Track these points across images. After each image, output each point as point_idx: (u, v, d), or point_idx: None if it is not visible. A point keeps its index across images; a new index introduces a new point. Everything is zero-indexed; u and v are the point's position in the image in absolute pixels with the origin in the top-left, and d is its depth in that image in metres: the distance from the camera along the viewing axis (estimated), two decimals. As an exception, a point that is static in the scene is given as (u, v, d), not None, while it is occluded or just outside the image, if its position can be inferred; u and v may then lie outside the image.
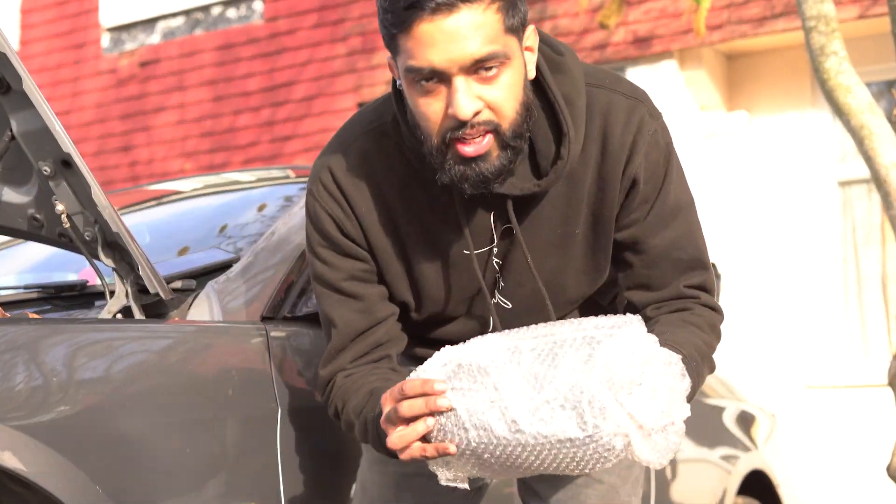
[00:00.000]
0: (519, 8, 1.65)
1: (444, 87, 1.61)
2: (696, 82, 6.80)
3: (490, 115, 1.62)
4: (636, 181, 1.76)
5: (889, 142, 3.70)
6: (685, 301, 1.81)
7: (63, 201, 2.16)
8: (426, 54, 1.58)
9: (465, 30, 1.57)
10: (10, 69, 1.99)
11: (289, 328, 2.20)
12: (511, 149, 1.65)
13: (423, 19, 1.56)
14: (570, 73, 1.73)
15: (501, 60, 1.61)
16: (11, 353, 1.72)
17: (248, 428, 1.99)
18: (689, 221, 1.81)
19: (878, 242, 6.64)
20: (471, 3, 1.57)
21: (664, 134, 1.78)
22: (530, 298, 1.84)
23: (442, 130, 1.63)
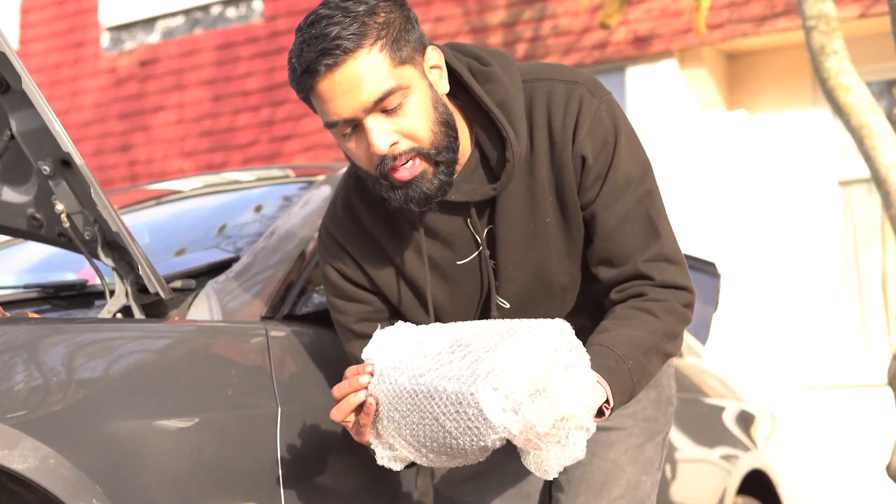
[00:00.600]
0: (407, 39, 1.76)
1: (361, 131, 1.76)
2: (696, 82, 6.80)
3: (408, 143, 1.76)
4: (585, 159, 1.83)
5: (889, 141, 3.70)
6: (642, 284, 1.85)
7: (62, 201, 2.16)
8: (333, 109, 1.73)
9: (357, 78, 1.71)
10: (9, 69, 1.99)
11: (289, 328, 2.20)
12: (442, 164, 1.78)
13: (319, 80, 1.72)
14: (498, 80, 1.84)
15: (400, 93, 1.73)
16: (11, 353, 1.72)
17: (248, 428, 1.98)
18: (641, 193, 1.86)
19: (879, 242, 6.64)
20: (354, 53, 1.70)
21: (610, 110, 1.85)
22: (525, 292, 1.93)
23: (373, 166, 1.78)
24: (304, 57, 1.71)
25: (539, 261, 1.90)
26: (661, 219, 1.88)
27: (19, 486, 1.68)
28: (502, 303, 1.93)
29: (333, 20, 1.70)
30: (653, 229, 1.86)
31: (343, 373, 1.81)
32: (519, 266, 1.90)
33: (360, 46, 1.70)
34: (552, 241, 1.89)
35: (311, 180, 2.77)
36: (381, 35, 1.72)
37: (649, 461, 2.01)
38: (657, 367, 1.84)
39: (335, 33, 1.69)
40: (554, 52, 7.03)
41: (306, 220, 2.47)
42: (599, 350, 1.75)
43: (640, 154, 1.88)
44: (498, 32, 7.23)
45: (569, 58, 6.98)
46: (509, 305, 1.93)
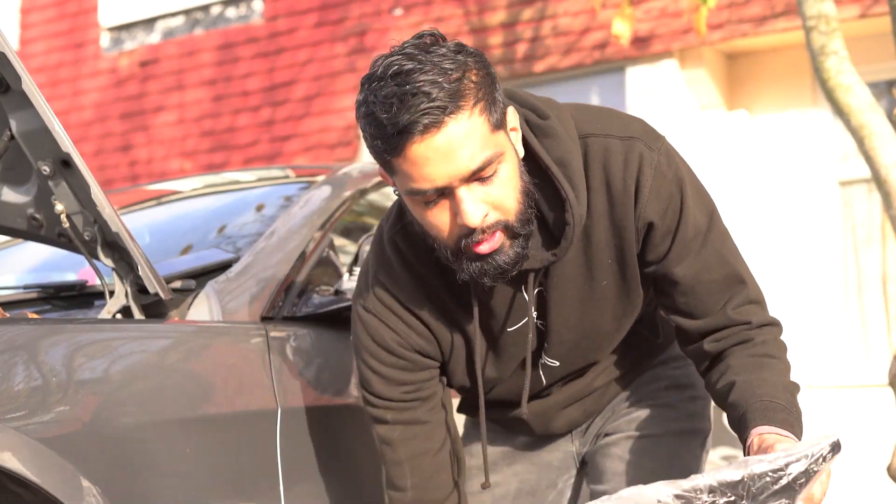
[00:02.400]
0: (498, 99, 1.63)
1: (446, 199, 1.62)
2: (696, 82, 6.79)
3: (497, 215, 1.64)
4: (651, 222, 1.74)
5: (890, 141, 3.70)
6: (741, 330, 1.79)
7: (62, 201, 2.16)
8: (425, 175, 1.58)
9: (456, 143, 1.56)
10: (9, 69, 1.99)
11: (288, 328, 2.20)
12: (521, 237, 1.67)
13: (414, 141, 1.56)
14: (557, 135, 1.72)
15: (497, 160, 1.61)
16: (11, 353, 1.72)
17: (248, 428, 1.98)
18: (713, 241, 1.78)
19: (879, 242, 6.64)
20: (455, 115, 1.56)
21: (670, 161, 1.75)
22: (574, 349, 1.88)
23: (454, 238, 1.65)
24: (397, 114, 1.54)
25: (591, 322, 1.84)
26: (738, 260, 1.80)
27: (19, 487, 1.68)
28: (551, 362, 1.89)
29: (426, 73, 1.55)
30: (734, 275, 1.78)
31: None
32: (570, 329, 1.84)
33: (461, 108, 1.56)
34: (607, 304, 1.83)
35: (311, 180, 2.77)
36: (480, 96, 1.58)
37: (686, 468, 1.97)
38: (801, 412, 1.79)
39: (434, 92, 1.54)
40: (554, 52, 7.03)
41: (306, 220, 2.47)
42: (764, 405, 1.70)
43: (705, 199, 1.79)
44: (498, 32, 7.23)
45: (569, 58, 6.98)
46: (558, 364, 1.89)
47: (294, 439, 2.04)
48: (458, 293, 1.81)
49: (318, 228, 2.45)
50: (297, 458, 2.04)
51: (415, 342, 1.83)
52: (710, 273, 1.77)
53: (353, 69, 7.73)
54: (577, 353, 1.89)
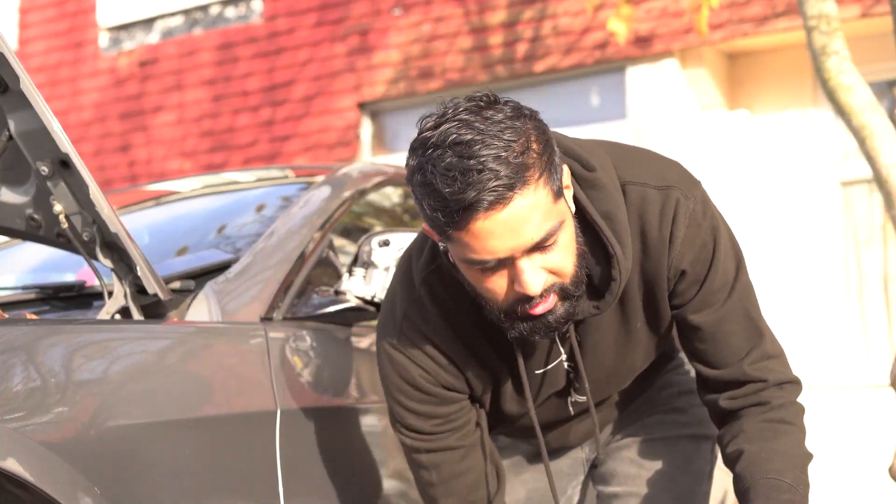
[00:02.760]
0: (557, 164, 1.59)
1: (506, 268, 1.59)
2: (697, 82, 6.79)
3: (554, 279, 1.62)
4: (684, 270, 1.74)
5: (891, 142, 3.69)
6: (757, 390, 1.78)
7: (61, 201, 2.15)
8: (487, 248, 1.55)
9: (522, 217, 1.54)
10: (8, 69, 1.99)
11: (288, 329, 2.19)
12: (574, 297, 1.66)
13: (478, 218, 1.52)
14: (604, 187, 1.69)
15: (558, 230, 1.59)
16: (10, 354, 1.71)
17: (247, 428, 1.98)
18: (739, 292, 1.77)
19: (880, 242, 6.64)
20: (522, 190, 1.52)
21: (706, 209, 1.73)
22: (602, 388, 1.89)
23: (509, 302, 1.62)
24: (462, 190, 1.50)
25: (623, 361, 1.86)
26: (758, 313, 1.80)
27: (18, 489, 1.67)
28: (579, 399, 1.90)
29: (489, 147, 1.51)
30: (754, 328, 1.78)
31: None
32: (602, 368, 1.85)
33: (527, 183, 1.52)
34: (639, 343, 1.84)
35: (311, 181, 2.77)
36: (543, 167, 1.55)
37: (699, 471, 1.99)
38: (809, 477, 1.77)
39: (501, 170, 1.50)
40: (554, 52, 7.03)
41: (306, 221, 2.46)
42: (769, 483, 1.69)
43: (735, 249, 1.79)
44: (498, 32, 7.22)
45: (569, 58, 6.98)
46: (585, 399, 1.89)
47: (294, 439, 2.04)
48: (493, 336, 1.78)
49: (318, 229, 2.45)
50: (297, 459, 2.04)
51: (443, 380, 1.81)
52: (731, 324, 1.76)
53: (353, 69, 7.72)
54: (607, 387, 1.91)
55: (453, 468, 1.88)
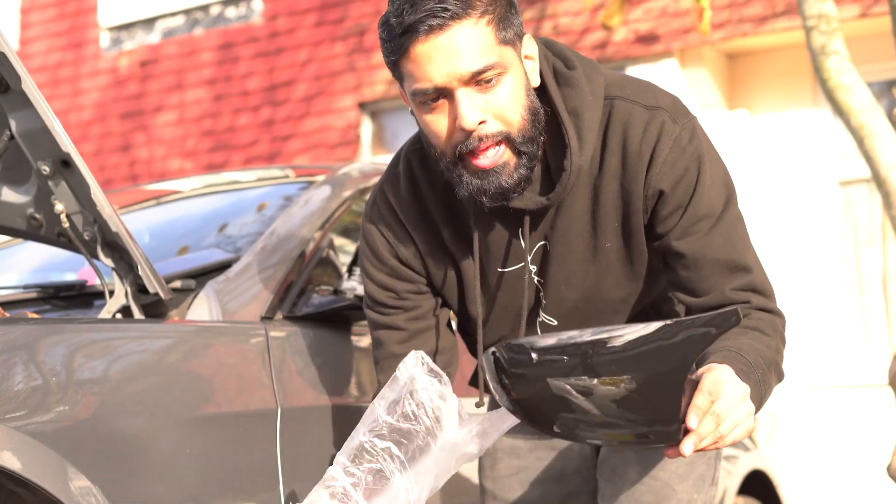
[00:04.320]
0: (511, 21, 1.69)
1: (448, 103, 1.67)
2: (697, 81, 6.79)
3: (498, 125, 1.67)
4: (662, 191, 1.75)
5: (890, 141, 3.69)
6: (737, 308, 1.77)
7: (62, 201, 2.16)
8: (426, 73, 1.65)
9: (459, 45, 1.63)
10: (9, 69, 1.99)
11: (288, 328, 2.19)
12: (525, 155, 1.70)
13: (419, 41, 1.63)
14: (578, 86, 1.75)
15: (499, 70, 1.66)
16: (11, 353, 1.72)
17: (248, 427, 1.98)
18: (725, 224, 1.78)
19: (879, 242, 6.64)
20: (461, 20, 1.63)
21: (693, 137, 1.76)
22: (574, 312, 1.88)
23: (452, 144, 1.68)
24: (405, 16, 1.63)
25: (593, 284, 1.85)
26: (747, 248, 1.80)
27: (19, 487, 1.68)
28: (549, 320, 1.90)
29: None
30: (740, 260, 1.78)
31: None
32: (571, 287, 1.85)
33: (468, 14, 1.63)
34: (610, 267, 1.83)
35: (311, 180, 2.77)
36: (489, 10, 1.65)
37: (700, 478, 1.96)
38: (772, 387, 1.76)
39: (445, 1, 1.62)
40: (554, 52, 7.03)
41: (306, 220, 2.47)
42: (727, 354, 1.68)
43: (725, 182, 1.80)
44: (498, 32, 7.22)
45: (569, 58, 6.99)
46: (556, 323, 1.89)
47: (294, 439, 2.04)
48: (457, 222, 1.85)
49: (318, 228, 2.45)
50: (297, 458, 2.04)
51: (401, 253, 1.89)
52: (715, 252, 1.77)
53: (353, 69, 7.72)
54: (578, 315, 1.88)
55: (393, 349, 1.92)
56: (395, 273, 1.90)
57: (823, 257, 6.71)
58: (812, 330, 6.66)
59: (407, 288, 1.90)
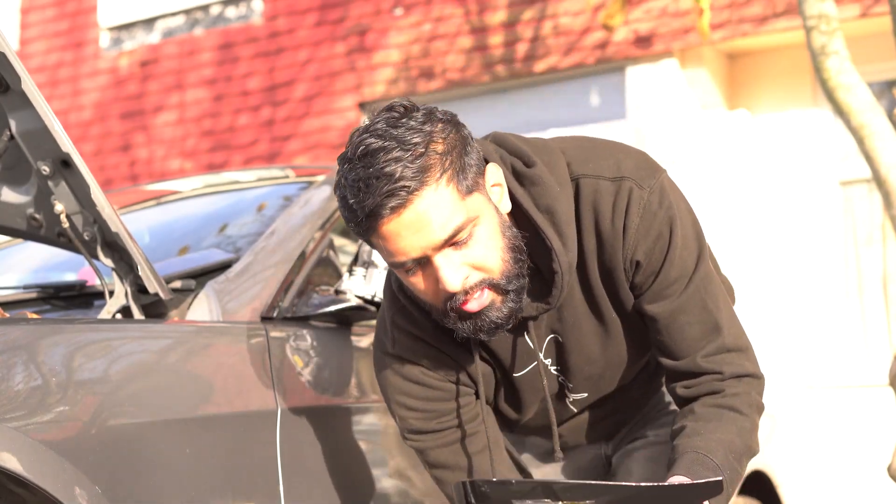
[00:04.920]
0: (469, 164, 1.64)
1: (428, 267, 1.65)
2: (697, 81, 6.79)
3: (480, 275, 1.65)
4: (639, 262, 1.75)
5: (890, 141, 3.70)
6: (711, 380, 1.78)
7: (62, 201, 2.16)
8: (399, 249, 1.62)
9: (424, 216, 1.59)
10: (9, 69, 1.99)
11: (288, 328, 2.19)
12: (512, 292, 1.68)
13: (383, 222, 1.59)
14: (543, 182, 1.72)
15: (470, 227, 1.63)
16: (11, 353, 1.72)
17: (248, 427, 1.98)
18: (696, 284, 1.77)
19: (880, 242, 6.64)
20: (420, 191, 1.58)
21: (662, 199, 1.74)
22: (599, 383, 1.90)
23: (441, 301, 1.67)
24: (363, 199, 1.58)
25: (614, 353, 1.86)
26: (718, 307, 1.79)
27: (19, 487, 1.68)
28: (578, 396, 1.92)
29: (390, 154, 1.57)
30: (711, 321, 1.77)
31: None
32: (593, 364, 1.86)
33: (425, 183, 1.58)
34: (617, 333, 1.84)
35: (311, 180, 2.77)
36: (446, 167, 1.60)
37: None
38: (744, 469, 1.77)
39: (398, 173, 1.56)
40: (554, 52, 7.03)
41: (306, 220, 2.47)
42: (696, 457, 1.69)
43: (697, 239, 1.78)
44: (498, 32, 7.23)
45: (569, 58, 6.98)
46: (586, 395, 1.91)
47: (294, 439, 2.04)
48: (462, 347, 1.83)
49: (318, 228, 2.45)
50: (297, 458, 2.04)
51: (437, 369, 1.85)
52: (687, 315, 1.76)
53: (353, 69, 7.73)
54: (604, 382, 1.91)
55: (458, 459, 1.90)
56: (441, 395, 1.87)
57: (823, 257, 6.71)
58: (812, 330, 6.66)
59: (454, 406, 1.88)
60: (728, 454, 1.72)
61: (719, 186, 6.78)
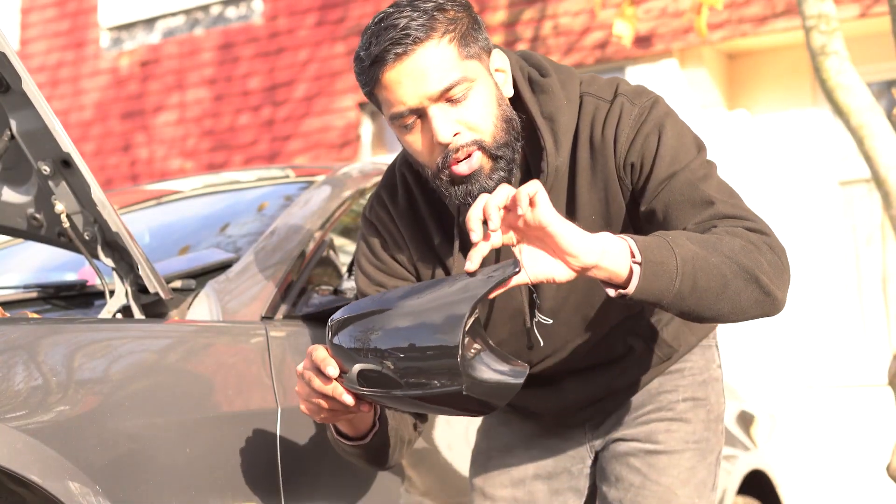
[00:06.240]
0: (475, 37, 1.78)
1: (424, 122, 1.76)
2: (696, 81, 6.80)
3: (472, 134, 1.75)
4: (632, 164, 1.81)
5: (889, 142, 3.70)
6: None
7: (62, 201, 2.16)
8: (398, 97, 1.74)
9: (424, 66, 1.72)
10: (9, 69, 1.99)
11: (288, 328, 2.20)
12: (501, 159, 1.77)
13: (387, 69, 1.73)
14: (552, 91, 1.84)
15: (466, 85, 1.74)
16: (11, 353, 1.72)
17: (248, 428, 1.98)
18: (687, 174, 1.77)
19: (879, 242, 6.64)
20: (423, 42, 1.72)
21: (652, 109, 1.82)
22: (565, 307, 1.91)
23: (433, 158, 1.77)
24: (372, 48, 1.73)
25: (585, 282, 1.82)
26: (716, 187, 1.77)
27: (19, 487, 1.68)
28: (544, 319, 1.93)
29: (402, 14, 1.73)
30: (700, 197, 1.75)
31: None
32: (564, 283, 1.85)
33: (429, 37, 1.72)
34: None
35: (311, 180, 2.77)
36: (450, 29, 1.74)
37: (702, 483, 1.99)
38: (722, 266, 1.64)
39: (404, 24, 1.71)
40: (554, 52, 7.04)
41: (306, 220, 2.47)
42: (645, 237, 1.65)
43: (693, 140, 1.82)
44: (498, 32, 7.23)
45: (569, 58, 6.98)
46: (552, 321, 1.92)
47: (294, 439, 2.05)
48: (446, 227, 1.92)
49: (318, 228, 2.45)
50: (297, 458, 2.04)
51: (396, 254, 1.96)
52: (679, 195, 1.76)
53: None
54: (570, 308, 1.90)
55: None
56: (388, 270, 1.96)
57: (823, 257, 6.71)
58: (812, 330, 6.66)
59: (396, 285, 1.95)
60: (690, 238, 1.65)
61: (719, 186, 6.78)
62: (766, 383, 6.49)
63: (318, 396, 1.70)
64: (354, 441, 1.88)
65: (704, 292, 1.64)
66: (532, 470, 2.11)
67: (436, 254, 1.93)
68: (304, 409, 1.75)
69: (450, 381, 1.55)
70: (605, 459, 2.05)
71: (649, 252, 1.60)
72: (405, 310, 1.61)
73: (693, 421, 2.03)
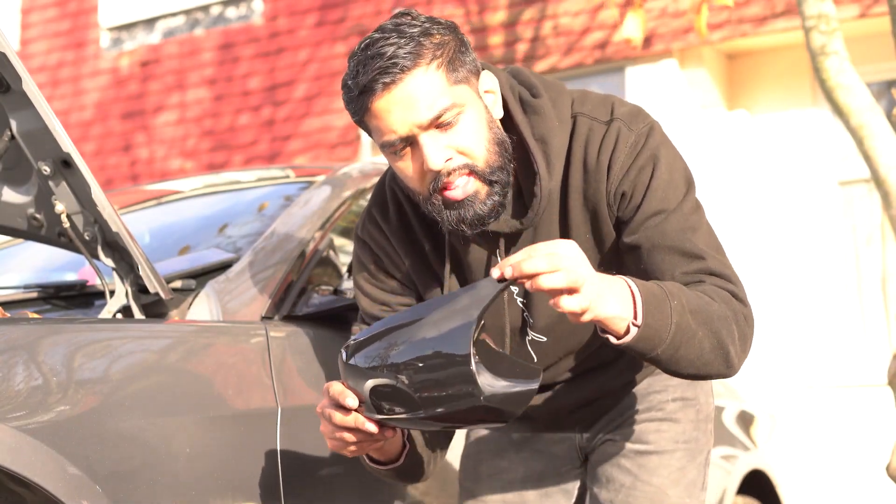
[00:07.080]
0: (462, 60, 1.77)
1: (414, 149, 1.75)
2: (696, 82, 6.80)
3: (463, 159, 1.74)
4: (623, 193, 1.80)
5: (889, 142, 3.70)
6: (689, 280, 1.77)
7: (63, 201, 2.16)
8: (389, 126, 1.73)
9: (413, 95, 1.71)
10: (9, 69, 1.99)
11: (289, 328, 2.20)
12: (495, 183, 1.76)
13: (376, 98, 1.71)
14: (544, 112, 1.83)
15: (456, 110, 1.73)
16: (11, 353, 1.72)
17: (248, 427, 1.98)
18: (680, 215, 1.79)
19: (879, 242, 6.64)
20: (411, 70, 1.70)
21: (648, 138, 1.81)
22: (559, 326, 1.91)
23: (425, 184, 1.76)
24: (360, 78, 1.72)
25: None
26: (703, 239, 1.79)
27: (19, 487, 1.68)
28: (538, 337, 1.93)
29: (389, 41, 1.71)
30: (691, 249, 1.78)
31: None
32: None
33: (417, 65, 1.71)
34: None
35: (311, 180, 2.78)
36: (437, 55, 1.73)
37: (692, 483, 2.00)
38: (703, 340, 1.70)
39: (391, 52, 1.70)
40: (554, 52, 7.04)
41: (306, 220, 2.47)
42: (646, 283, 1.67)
43: (683, 177, 1.82)
44: (498, 32, 7.23)
45: (569, 58, 6.99)
46: (545, 339, 1.92)
47: (294, 439, 2.05)
48: (439, 245, 1.91)
49: (318, 228, 2.45)
50: (297, 458, 2.04)
51: (392, 271, 1.95)
52: (669, 241, 1.77)
53: (354, 69, 7.72)
54: (564, 326, 1.91)
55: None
56: (388, 288, 1.96)
57: (823, 257, 6.71)
58: (812, 330, 6.66)
59: (399, 301, 1.95)
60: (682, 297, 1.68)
61: (719, 186, 6.79)
62: (766, 383, 6.49)
63: (341, 430, 1.70)
64: (388, 465, 1.89)
65: (680, 359, 1.70)
66: (522, 472, 2.11)
67: (431, 268, 1.93)
68: (331, 445, 1.75)
69: (465, 389, 1.57)
70: (595, 460, 2.05)
71: (650, 317, 1.64)
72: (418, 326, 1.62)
73: (682, 421, 2.03)
